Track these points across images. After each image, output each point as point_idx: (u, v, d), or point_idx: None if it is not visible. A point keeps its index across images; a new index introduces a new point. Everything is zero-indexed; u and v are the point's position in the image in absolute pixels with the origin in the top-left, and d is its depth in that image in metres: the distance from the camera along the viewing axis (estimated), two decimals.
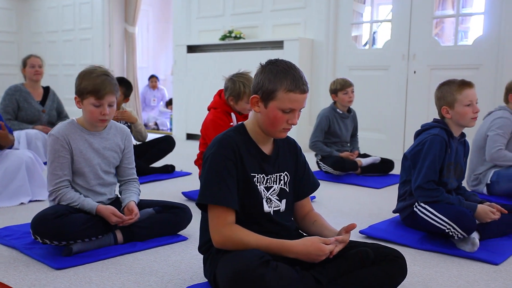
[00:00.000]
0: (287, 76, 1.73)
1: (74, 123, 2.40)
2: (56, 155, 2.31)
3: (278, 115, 1.74)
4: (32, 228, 2.16)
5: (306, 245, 1.66)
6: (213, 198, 1.71)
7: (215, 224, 1.72)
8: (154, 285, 1.95)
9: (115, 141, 2.48)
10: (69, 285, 1.92)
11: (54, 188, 2.30)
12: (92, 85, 2.27)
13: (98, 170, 2.41)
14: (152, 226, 2.44)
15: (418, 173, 2.58)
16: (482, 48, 4.97)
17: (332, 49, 5.94)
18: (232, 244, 1.69)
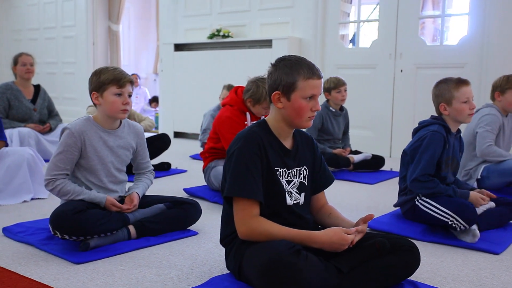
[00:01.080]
0: (302, 66, 1.84)
1: (90, 120, 2.46)
2: (66, 149, 2.37)
3: (303, 104, 1.82)
4: (52, 223, 2.19)
5: (329, 235, 1.74)
6: (241, 191, 1.78)
7: (241, 216, 1.79)
8: (175, 277, 2.00)
9: (128, 140, 2.56)
10: (92, 278, 1.96)
11: (51, 177, 2.36)
12: (113, 75, 2.39)
13: (111, 168, 2.47)
14: (164, 221, 2.49)
15: (415, 166, 2.68)
16: (467, 48, 5.13)
17: (320, 48, 6.04)
18: (258, 235, 1.76)
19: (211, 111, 5.30)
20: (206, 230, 2.65)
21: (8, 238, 2.44)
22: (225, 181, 1.90)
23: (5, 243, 2.37)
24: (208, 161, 3.46)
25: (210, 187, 3.44)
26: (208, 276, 2.01)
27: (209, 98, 6.43)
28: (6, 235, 2.48)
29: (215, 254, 2.29)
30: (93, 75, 2.44)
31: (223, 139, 3.35)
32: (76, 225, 2.17)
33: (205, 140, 5.19)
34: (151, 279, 1.98)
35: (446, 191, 2.63)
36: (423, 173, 2.63)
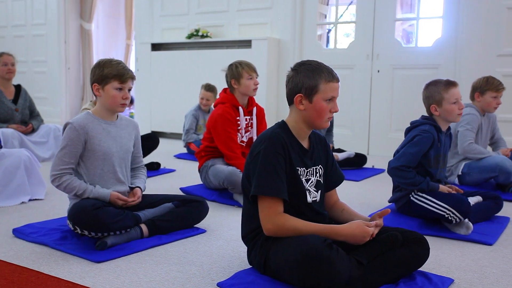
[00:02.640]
0: (323, 70, 1.96)
1: (90, 114, 2.53)
2: (69, 143, 2.42)
3: (324, 106, 1.94)
4: (72, 219, 2.25)
5: (352, 228, 1.85)
6: (268, 190, 1.87)
7: (267, 213, 1.88)
8: (197, 273, 2.07)
9: (128, 131, 2.64)
10: (117, 276, 2.02)
11: (58, 172, 2.41)
12: (116, 70, 2.45)
13: (118, 158, 2.54)
14: (174, 219, 2.56)
15: (400, 157, 2.85)
16: (441, 49, 5.36)
17: (298, 49, 6.18)
18: (285, 231, 1.85)
19: (192, 111, 5.36)
20: (213, 227, 2.73)
21: (19, 239, 2.46)
22: (247, 180, 1.99)
23: (19, 244, 2.39)
24: (204, 160, 3.53)
25: (207, 186, 3.51)
26: (228, 272, 2.09)
27: (188, 98, 6.47)
28: (17, 236, 2.49)
29: (228, 250, 2.37)
30: (96, 67, 2.49)
31: (216, 137, 3.42)
32: (95, 220, 2.23)
33: (188, 140, 5.26)
34: (175, 275, 2.05)
35: (420, 183, 2.80)
36: (404, 164, 2.80)
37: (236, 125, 3.45)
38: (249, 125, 3.54)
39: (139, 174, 2.73)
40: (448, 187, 2.91)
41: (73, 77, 8.66)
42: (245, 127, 3.51)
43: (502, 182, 3.70)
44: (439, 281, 2.00)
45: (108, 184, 2.50)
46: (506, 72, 4.93)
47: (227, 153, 3.39)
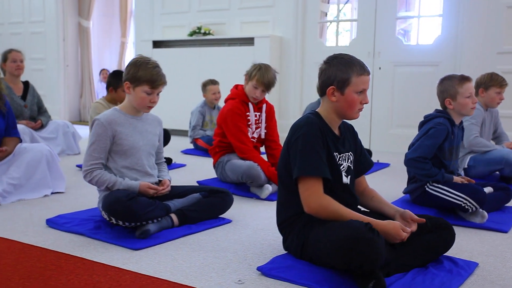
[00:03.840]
0: (355, 64, 2.06)
1: (117, 109, 2.62)
2: (98, 138, 2.51)
3: (355, 98, 2.04)
4: (107, 210, 2.32)
5: (389, 227, 1.93)
6: (313, 170, 1.96)
7: (310, 193, 1.97)
8: (234, 259, 2.16)
9: (153, 126, 2.73)
10: (158, 262, 2.10)
11: (89, 168, 2.49)
12: (150, 75, 2.51)
13: (144, 152, 2.63)
14: (202, 209, 2.64)
15: (416, 149, 2.96)
16: (441, 47, 5.49)
17: (300, 46, 6.28)
18: (327, 212, 1.95)
19: (199, 108, 5.44)
20: (237, 218, 2.81)
21: (53, 229, 2.52)
22: (284, 168, 2.08)
23: (54, 233, 2.46)
24: (219, 156, 3.60)
25: (223, 180, 3.58)
26: (262, 258, 2.18)
27: (190, 95, 6.54)
28: (51, 226, 2.56)
29: (258, 238, 2.46)
30: (131, 66, 2.55)
31: (227, 132, 3.50)
32: (129, 211, 2.31)
33: (195, 136, 5.34)
34: (212, 261, 2.13)
35: (436, 175, 2.91)
36: (421, 156, 2.91)
37: (246, 120, 3.53)
38: (259, 121, 3.62)
39: (163, 168, 2.82)
40: (461, 177, 3.03)
41: (71, 74, 8.68)
42: (255, 123, 3.59)
43: (507, 175, 3.83)
44: (465, 264, 2.10)
45: (137, 177, 2.58)
46: (506, 69, 5.06)
47: (239, 145, 3.46)
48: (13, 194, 3.08)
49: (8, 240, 2.34)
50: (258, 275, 1.98)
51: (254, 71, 3.47)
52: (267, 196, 3.26)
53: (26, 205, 3.00)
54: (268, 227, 2.66)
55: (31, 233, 2.44)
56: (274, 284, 1.90)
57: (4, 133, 3.26)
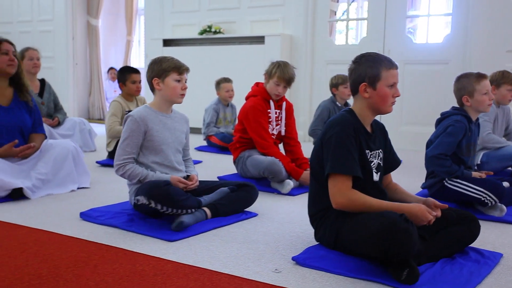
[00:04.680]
0: (382, 59, 2.15)
1: (148, 107, 2.72)
2: (131, 134, 2.61)
3: (387, 92, 2.12)
4: (147, 194, 2.41)
5: (416, 210, 2.01)
6: (344, 168, 2.05)
7: (339, 189, 2.06)
8: (267, 250, 2.24)
9: (181, 124, 2.84)
10: (195, 253, 2.18)
11: (121, 162, 2.60)
12: (173, 63, 2.69)
13: (172, 148, 2.73)
14: (230, 203, 2.73)
15: (436, 146, 3.04)
16: (451, 45, 5.57)
17: (310, 45, 6.36)
18: (355, 206, 2.03)
19: (213, 105, 5.51)
20: (262, 212, 2.89)
21: (87, 222, 2.60)
22: (317, 163, 2.16)
23: (89, 226, 2.53)
24: (239, 152, 3.68)
25: (244, 175, 3.65)
26: (294, 249, 2.26)
27: (200, 93, 6.61)
28: (85, 219, 2.63)
29: (286, 231, 2.54)
30: (153, 64, 2.73)
31: (249, 128, 3.58)
32: (167, 194, 2.40)
33: (209, 133, 5.42)
34: (246, 252, 2.21)
35: (455, 171, 2.99)
36: (444, 153, 2.99)
37: (267, 116, 3.61)
38: (279, 118, 3.70)
39: (190, 164, 2.92)
40: (479, 173, 3.10)
41: (80, 72, 8.75)
42: (275, 120, 3.67)
43: None
44: (490, 255, 2.18)
45: (166, 172, 2.68)
46: None
47: (260, 141, 3.54)
48: (42, 189, 3.16)
49: (47, 231, 2.42)
50: (293, 264, 2.06)
51: (274, 68, 3.55)
52: (289, 191, 3.34)
53: (55, 199, 3.08)
54: (293, 220, 2.74)
55: (67, 226, 2.52)
56: (309, 273, 1.97)
57: (31, 129, 3.33)
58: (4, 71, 3.20)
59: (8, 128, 3.21)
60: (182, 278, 1.88)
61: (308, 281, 1.90)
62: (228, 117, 5.57)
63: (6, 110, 3.22)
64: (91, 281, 1.83)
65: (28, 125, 3.31)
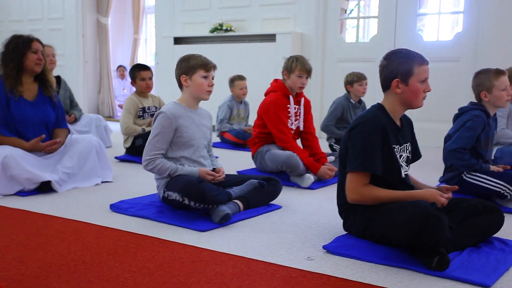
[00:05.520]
0: (414, 55, 2.22)
1: (177, 103, 2.78)
2: (162, 130, 2.67)
3: (419, 87, 2.18)
4: (181, 192, 2.49)
5: (427, 195, 2.09)
6: (362, 166, 2.13)
7: (354, 185, 2.14)
8: (297, 239, 2.31)
9: (207, 120, 2.92)
10: (228, 241, 2.24)
11: (151, 157, 2.66)
12: (201, 60, 2.77)
13: (200, 144, 2.80)
14: (259, 196, 2.80)
15: (455, 140, 3.09)
16: (461, 43, 5.62)
17: (321, 43, 6.42)
18: (368, 200, 2.14)
19: (227, 102, 5.58)
20: (285, 204, 2.96)
21: (117, 213, 2.67)
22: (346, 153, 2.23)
23: (120, 217, 2.60)
24: (258, 146, 3.75)
25: (262, 170, 3.72)
26: (322, 238, 2.33)
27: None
28: (115, 210, 2.70)
29: (311, 222, 2.61)
30: (182, 61, 2.81)
31: (268, 122, 3.65)
32: (201, 192, 2.47)
33: (222, 129, 5.48)
34: (277, 241, 2.28)
35: (474, 165, 3.05)
36: (461, 147, 3.05)
37: (287, 111, 3.67)
38: (298, 114, 3.76)
39: (214, 159, 2.98)
40: (496, 167, 3.16)
41: (90, 70, 8.82)
42: (294, 115, 3.73)
43: None
44: None
45: (194, 166, 2.73)
46: None
47: (280, 135, 3.61)
48: (68, 182, 3.23)
49: (82, 222, 2.49)
50: (324, 252, 2.13)
51: (293, 63, 3.61)
52: (309, 185, 3.40)
53: (81, 192, 3.15)
54: (317, 212, 2.80)
55: (98, 217, 2.59)
56: (341, 260, 2.04)
57: (54, 123, 3.40)
58: (32, 69, 3.27)
59: (34, 122, 3.28)
60: (220, 265, 1.95)
61: (341, 268, 1.97)
62: (241, 113, 5.64)
63: (32, 105, 3.29)
64: (133, 267, 1.89)
65: (52, 120, 3.38)
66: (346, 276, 1.88)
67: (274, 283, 1.80)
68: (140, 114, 4.42)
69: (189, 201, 2.46)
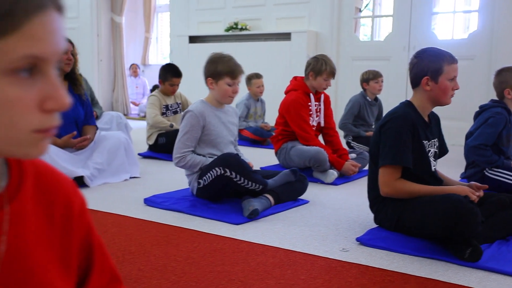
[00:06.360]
0: (444, 54, 2.29)
1: (204, 102, 2.87)
2: (191, 128, 2.76)
3: (448, 85, 2.25)
4: (223, 163, 2.61)
5: (458, 191, 2.15)
6: (394, 160, 2.20)
7: (388, 179, 2.22)
8: (328, 232, 2.38)
9: (232, 117, 2.99)
10: (262, 233, 2.32)
11: (181, 155, 2.75)
12: (228, 67, 2.78)
13: (226, 141, 2.87)
14: (290, 191, 2.88)
15: (477, 137, 3.16)
16: (476, 41, 5.68)
17: (335, 41, 6.49)
18: (400, 194, 2.21)
19: (244, 100, 5.65)
20: (312, 199, 3.03)
21: (151, 207, 2.75)
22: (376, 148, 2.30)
23: (154, 211, 2.68)
24: (281, 143, 3.83)
25: (286, 166, 3.78)
26: (353, 231, 2.40)
27: None
28: (149, 204, 2.78)
29: (341, 216, 2.68)
30: (210, 63, 2.83)
31: (290, 121, 3.72)
32: (241, 164, 2.60)
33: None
34: (310, 233, 2.35)
35: (496, 161, 3.12)
36: (483, 143, 3.11)
37: (308, 109, 3.75)
38: (318, 110, 3.84)
39: (241, 154, 3.04)
40: None
41: (104, 69, 8.92)
42: (315, 112, 3.81)
43: None
44: None
45: None
46: None
47: (302, 133, 3.68)
48: (98, 177, 3.31)
49: (120, 215, 2.57)
50: (358, 244, 2.21)
51: (322, 66, 3.66)
52: (333, 181, 3.47)
53: (112, 187, 3.23)
54: (345, 207, 2.87)
55: (134, 210, 2.67)
56: (375, 252, 2.11)
57: (84, 121, 3.48)
58: (62, 68, 3.35)
59: (65, 119, 3.36)
60: (260, 256, 2.03)
61: (376, 258, 2.04)
62: (258, 111, 5.71)
63: None
64: (178, 257, 1.97)
65: (81, 117, 3.47)
66: (383, 266, 1.96)
67: (314, 273, 1.87)
68: (164, 111, 4.51)
69: (231, 172, 2.56)
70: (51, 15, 0.54)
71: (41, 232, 0.67)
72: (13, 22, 0.52)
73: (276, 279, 1.80)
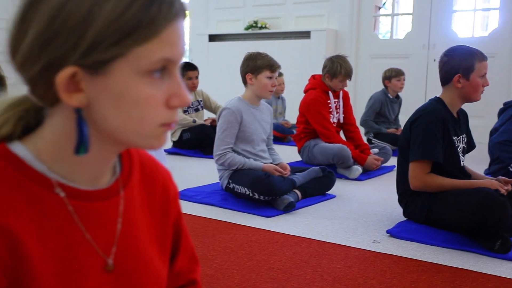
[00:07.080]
0: (475, 52, 2.35)
1: (241, 99, 2.92)
2: (229, 125, 2.82)
3: (479, 82, 2.31)
4: (251, 187, 2.65)
5: (488, 185, 2.20)
6: (424, 155, 2.26)
7: (418, 173, 2.28)
8: (358, 225, 2.44)
9: (267, 115, 3.04)
10: (294, 225, 2.39)
11: (222, 152, 2.81)
12: (267, 61, 2.88)
13: (260, 138, 2.92)
14: (317, 187, 2.94)
15: (502, 133, 3.20)
16: (497, 39, 5.69)
17: (355, 39, 6.53)
18: (430, 188, 2.27)
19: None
20: (338, 194, 3.09)
21: (184, 201, 2.83)
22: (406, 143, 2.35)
23: (187, 204, 2.76)
24: (304, 141, 3.89)
25: (310, 163, 3.84)
26: (382, 224, 2.46)
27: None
28: (181, 198, 2.84)
29: (368, 210, 2.74)
30: (248, 59, 2.92)
31: (311, 119, 3.78)
32: (269, 187, 2.62)
33: None
34: (340, 226, 2.42)
35: None
36: (508, 139, 3.15)
37: (328, 107, 3.81)
38: (337, 107, 3.90)
39: (275, 152, 3.11)
40: None
41: None
42: (335, 109, 3.87)
43: None
44: None
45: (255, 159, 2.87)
46: None
47: (324, 131, 3.74)
48: None
49: None
50: (388, 236, 2.26)
51: (337, 69, 3.71)
52: (357, 176, 3.53)
53: None
54: (371, 201, 2.93)
55: None
56: (406, 244, 2.17)
57: None
58: None
59: None
60: (295, 246, 2.10)
61: (407, 250, 2.10)
62: (279, 109, 5.77)
63: None
64: (217, 247, 2.05)
65: None
66: (415, 257, 2.02)
67: (349, 262, 1.94)
68: (185, 109, 4.59)
69: (259, 195, 2.62)
70: (181, 22, 0.62)
71: (145, 215, 0.75)
72: (155, 29, 0.59)
73: (313, 267, 1.87)
